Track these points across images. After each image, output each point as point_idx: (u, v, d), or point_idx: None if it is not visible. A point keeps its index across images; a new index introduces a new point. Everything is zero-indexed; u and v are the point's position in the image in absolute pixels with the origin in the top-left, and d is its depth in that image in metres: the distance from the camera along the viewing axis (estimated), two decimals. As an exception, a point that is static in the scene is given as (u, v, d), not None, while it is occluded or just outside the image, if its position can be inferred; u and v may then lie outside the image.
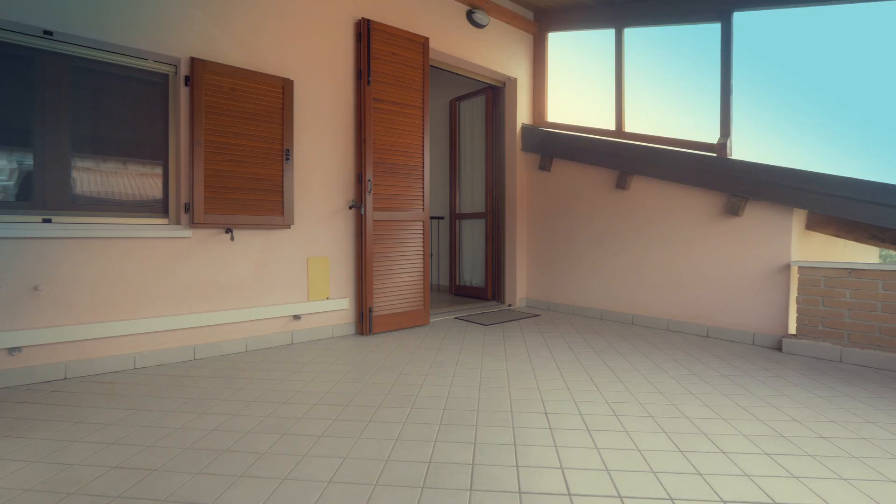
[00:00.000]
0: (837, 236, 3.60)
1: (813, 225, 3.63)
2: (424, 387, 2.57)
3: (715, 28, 4.06)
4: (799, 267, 3.34)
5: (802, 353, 3.26)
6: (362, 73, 3.79)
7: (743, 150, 3.90)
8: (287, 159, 3.44)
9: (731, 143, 3.89)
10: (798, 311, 3.33)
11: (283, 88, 3.43)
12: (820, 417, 2.16)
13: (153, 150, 3.09)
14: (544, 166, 5.13)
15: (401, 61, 4.00)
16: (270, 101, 3.38)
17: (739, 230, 3.69)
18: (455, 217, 5.98)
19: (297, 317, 3.52)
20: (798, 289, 3.34)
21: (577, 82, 5.37)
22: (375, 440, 1.92)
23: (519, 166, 5.25)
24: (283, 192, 3.41)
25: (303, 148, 3.57)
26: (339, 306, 3.74)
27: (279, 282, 3.45)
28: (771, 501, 1.49)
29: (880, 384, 2.64)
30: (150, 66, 3.05)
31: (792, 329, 3.43)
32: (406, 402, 2.34)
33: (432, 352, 3.31)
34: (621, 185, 4.44)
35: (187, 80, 3.07)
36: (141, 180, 3.06)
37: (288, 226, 3.44)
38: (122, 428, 2.04)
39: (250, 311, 3.29)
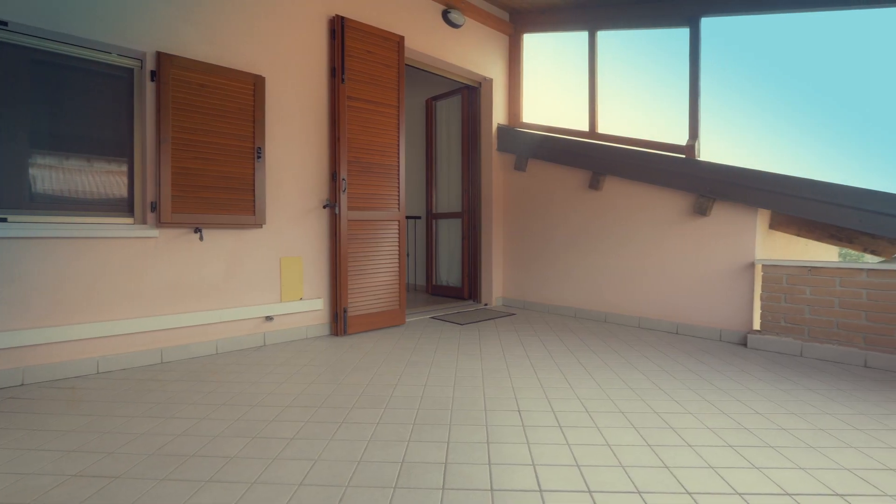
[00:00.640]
0: (799, 235, 3.75)
1: (776, 224, 3.77)
2: (399, 387, 2.56)
3: (684, 33, 4.17)
4: (763, 265, 3.46)
5: (766, 348, 3.38)
6: (336, 71, 3.75)
7: (712, 151, 4.02)
8: (259, 157, 3.37)
9: (699, 144, 4.00)
10: (762, 307, 3.45)
11: (255, 85, 3.37)
12: (781, 410, 2.24)
13: (118, 148, 2.99)
14: (520, 166, 5.18)
15: (376, 59, 3.97)
16: (241, 97, 3.31)
17: (707, 229, 3.79)
18: (432, 217, 5.97)
19: (269, 318, 3.46)
20: (762, 286, 3.46)
21: (552, 83, 5.44)
22: (348, 441, 1.90)
23: (495, 166, 5.28)
24: (254, 190, 3.35)
25: (275, 146, 3.51)
26: (313, 307, 3.69)
27: (251, 282, 3.39)
28: (733, 492, 1.54)
29: (837, 377, 2.76)
30: (114, 60, 2.94)
31: (756, 325, 3.55)
32: (380, 403, 2.32)
33: (407, 352, 3.30)
34: (594, 185, 4.51)
35: (153, 75, 2.98)
36: (105, 178, 2.96)
37: (260, 225, 3.37)
38: (83, 435, 1.96)
39: (221, 313, 3.22)
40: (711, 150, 4.02)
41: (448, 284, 5.77)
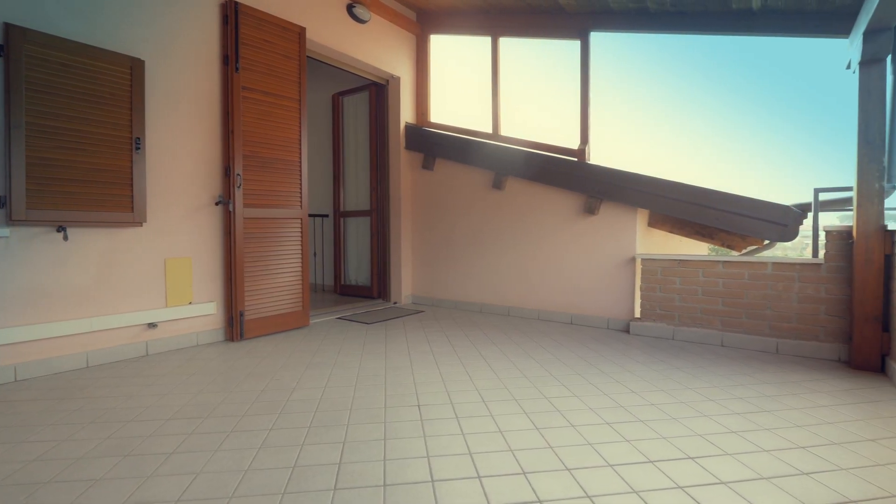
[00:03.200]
0: (672, 232, 4.21)
1: (654, 223, 4.20)
2: (297, 391, 2.47)
3: (576, 45, 4.49)
4: (642, 259, 3.84)
5: (645, 333, 3.76)
6: (229, 59, 3.52)
7: (605, 153, 4.38)
8: (138, 148, 3.06)
9: (588, 148, 4.33)
10: (641, 297, 3.83)
11: (133, 69, 3.05)
12: (652, 388, 2.51)
13: (-48, 132, 2.54)
14: (427, 165, 5.24)
15: (275, 50, 3.79)
16: (116, 82, 2.98)
17: (596, 227, 4.13)
18: (339, 215, 5.84)
19: (152, 325, 3.15)
20: (641, 278, 3.84)
21: (459, 85, 5.58)
22: (236, 451, 1.80)
23: (403, 164, 5.29)
24: (133, 185, 3.03)
25: (159, 137, 3.20)
26: (204, 311, 3.43)
27: (129, 286, 3.07)
28: (606, 464, 1.69)
29: (700, 356, 3.15)
30: (-55, 28, 2.50)
31: (637, 313, 3.94)
32: (275, 408, 2.23)
33: (309, 354, 3.19)
34: (497, 185, 4.70)
35: (2, 50, 2.58)
36: (-66, 167, 2.50)
37: (140, 223, 3.06)
38: None
39: (92, 321, 2.88)
40: (604, 153, 4.38)
41: (357, 284, 5.68)
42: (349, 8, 4.60)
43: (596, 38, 4.40)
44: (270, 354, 3.18)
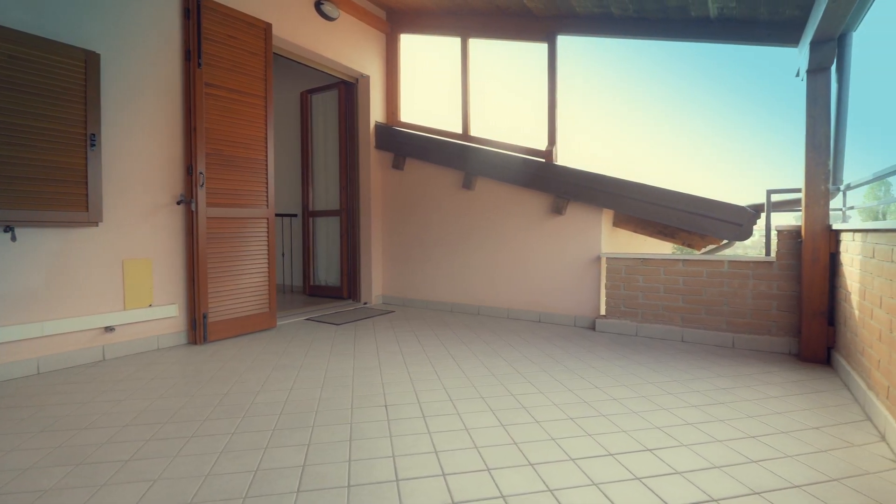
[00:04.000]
0: (636, 232, 4.34)
1: (619, 223, 4.32)
2: (262, 393, 2.43)
3: (543, 47, 4.56)
4: (607, 258, 3.94)
5: (610, 330, 3.86)
6: (192, 54, 3.42)
7: (575, 153, 4.46)
8: (93, 145, 2.94)
9: (556, 150, 4.41)
10: (606, 295, 3.93)
11: (87, 63, 2.93)
12: (615, 383, 2.58)
13: None
14: (398, 165, 5.22)
15: (239, 45, 3.71)
16: (69, 75, 2.85)
17: (563, 227, 4.21)
18: (308, 214, 5.75)
19: (109, 328, 3.04)
20: (606, 276, 3.93)
21: (429, 85, 5.58)
22: (196, 456, 1.75)
23: (373, 164, 5.26)
24: (87, 183, 2.91)
25: (116, 133, 3.09)
26: (165, 314, 3.33)
27: (84, 289, 2.94)
28: (568, 458, 1.73)
29: (662, 351, 3.25)
30: None
31: (603, 311, 4.03)
32: (238, 412, 2.18)
33: (275, 356, 3.14)
34: (467, 185, 4.74)
35: (-60, 39, 2.44)
36: None
37: (95, 223, 2.94)
38: None
39: (42, 326, 2.75)
40: (576, 154, 4.47)
41: (327, 284, 5.62)
42: (317, 5, 4.55)
43: (564, 41, 4.48)
44: (235, 357, 3.11)
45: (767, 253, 3.40)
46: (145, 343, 3.24)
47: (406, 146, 5.12)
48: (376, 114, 5.30)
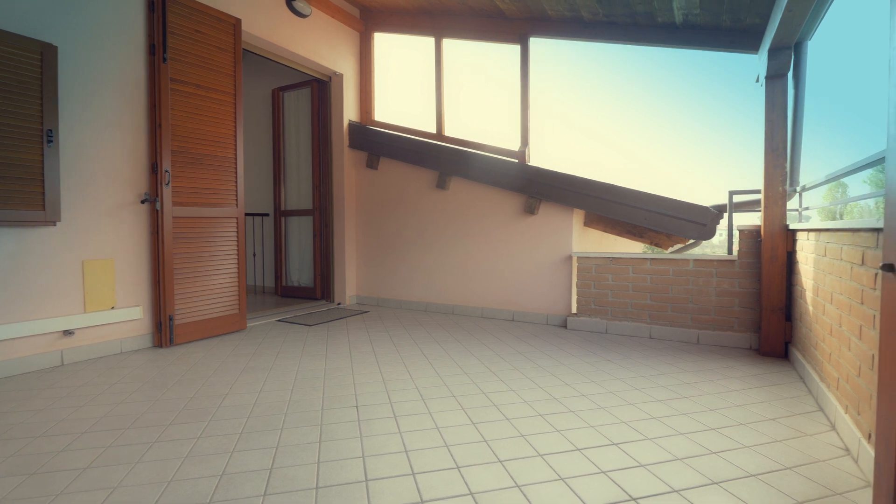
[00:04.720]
0: (606, 232, 4.43)
1: (589, 222, 4.40)
2: (229, 396, 2.38)
3: (516, 49, 4.61)
4: (577, 257, 4.01)
5: (581, 328, 3.93)
6: (156, 49, 3.32)
7: (548, 154, 4.52)
8: (50, 142, 2.83)
9: (528, 150, 4.46)
10: (577, 293, 4.00)
11: (44, 55, 2.81)
12: (584, 379, 2.63)
13: None
14: (371, 164, 5.19)
15: (207, 41, 3.62)
16: (24, 68, 2.73)
17: (535, 227, 4.26)
18: (280, 214, 5.66)
19: (68, 332, 2.92)
20: (577, 275, 4.00)
21: (404, 84, 5.56)
22: (159, 461, 1.71)
23: (347, 163, 5.22)
24: (44, 181, 2.79)
25: (76, 129, 2.97)
26: (129, 316, 3.22)
27: (41, 291, 2.82)
28: (536, 454, 1.76)
29: (630, 348, 3.33)
30: None
31: (574, 309, 4.11)
32: (204, 416, 2.13)
33: (245, 358, 3.08)
34: (441, 185, 4.74)
35: None
36: None
37: (53, 222, 2.83)
38: None
39: (-4, 330, 2.63)
40: (550, 155, 4.53)
41: (299, 285, 5.54)
42: (289, 2, 4.48)
43: (537, 43, 4.54)
44: (202, 360, 3.04)
45: (730, 252, 3.52)
46: (108, 347, 3.13)
47: (380, 145, 5.10)
48: (350, 112, 5.26)
